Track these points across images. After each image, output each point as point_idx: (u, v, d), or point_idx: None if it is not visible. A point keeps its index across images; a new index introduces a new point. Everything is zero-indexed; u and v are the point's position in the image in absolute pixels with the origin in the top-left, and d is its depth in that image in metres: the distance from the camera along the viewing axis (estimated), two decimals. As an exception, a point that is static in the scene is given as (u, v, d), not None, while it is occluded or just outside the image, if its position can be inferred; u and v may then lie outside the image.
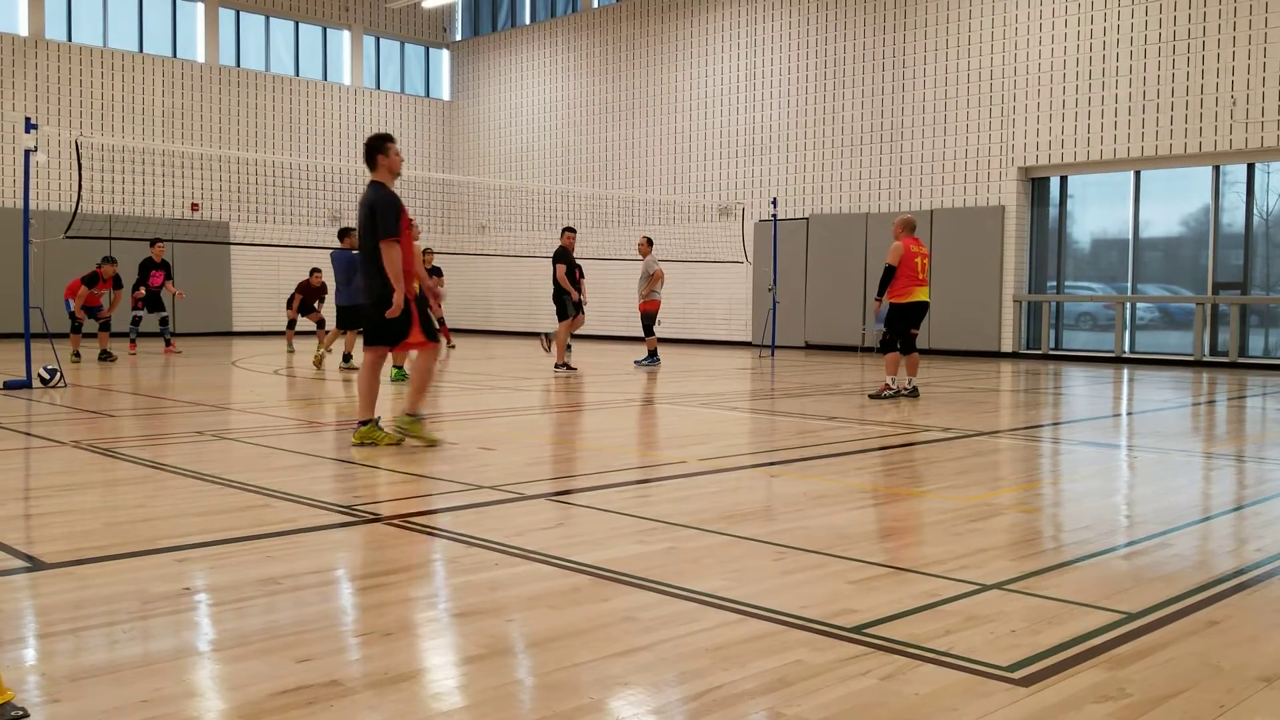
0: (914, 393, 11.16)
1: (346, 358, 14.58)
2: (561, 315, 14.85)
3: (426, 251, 20.49)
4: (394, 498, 5.79)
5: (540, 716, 2.71)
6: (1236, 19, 16.47)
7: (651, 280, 16.22)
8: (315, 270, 18.08)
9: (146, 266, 17.58)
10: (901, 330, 11.12)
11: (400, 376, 12.82)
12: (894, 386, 11.04)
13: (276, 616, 3.53)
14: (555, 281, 14.78)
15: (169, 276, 17.87)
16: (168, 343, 18.12)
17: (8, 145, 22.56)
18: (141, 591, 3.76)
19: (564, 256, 14.70)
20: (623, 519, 5.10)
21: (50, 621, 3.47)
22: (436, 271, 20.70)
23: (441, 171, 28.63)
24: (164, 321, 18.20)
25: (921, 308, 11.17)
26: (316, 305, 18.14)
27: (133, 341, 17.63)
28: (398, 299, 7.12)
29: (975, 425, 9.04)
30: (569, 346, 15.29)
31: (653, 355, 16.16)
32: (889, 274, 10.98)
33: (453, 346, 20.65)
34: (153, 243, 17.74)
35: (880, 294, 11.13)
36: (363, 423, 7.41)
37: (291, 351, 18.04)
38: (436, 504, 5.53)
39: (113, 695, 2.79)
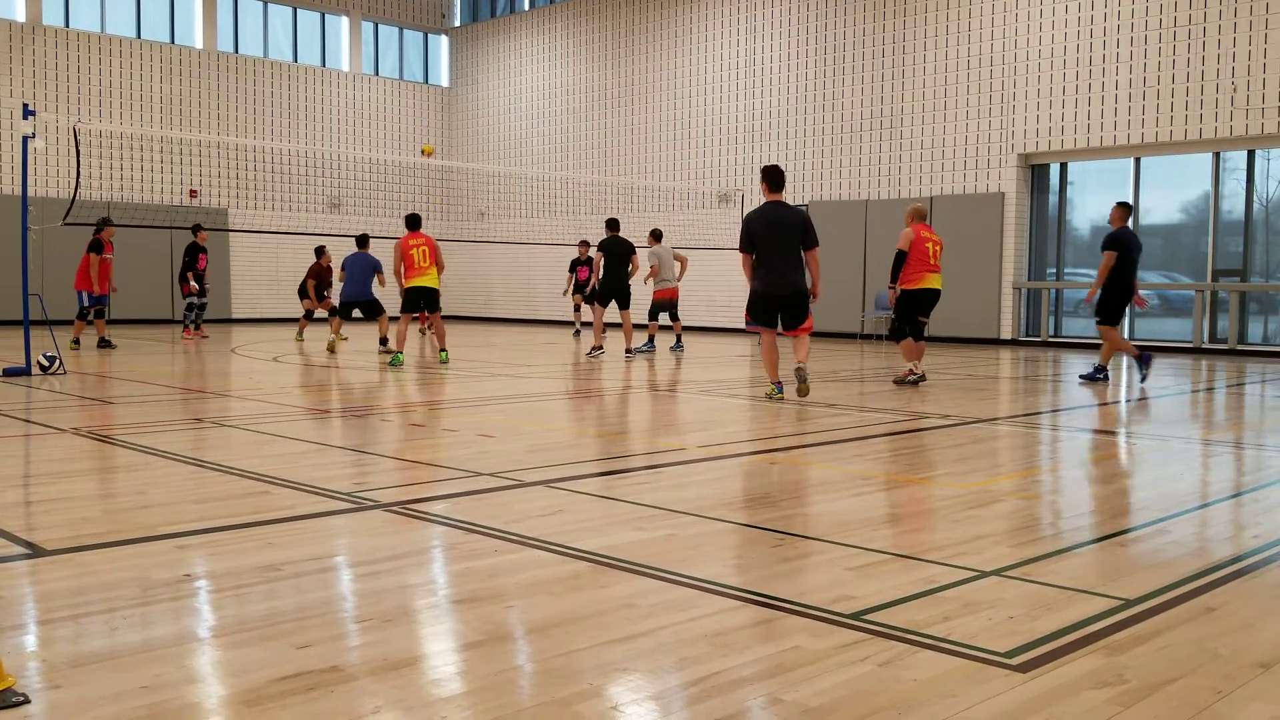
0: (918, 380, 11.17)
1: (383, 341, 15.07)
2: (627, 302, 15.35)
3: None
4: (393, 484, 5.79)
5: (540, 702, 2.72)
6: (1237, 5, 16.41)
7: (651, 269, 16.39)
8: (321, 249, 18.14)
9: (194, 250, 17.91)
10: (911, 317, 11.09)
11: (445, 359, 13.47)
12: (918, 372, 11.01)
13: (276, 603, 3.54)
14: (627, 272, 15.15)
15: (207, 260, 18.35)
16: (197, 327, 18.40)
17: (6, 132, 22.50)
18: (141, 578, 3.77)
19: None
20: (622, 506, 5.11)
21: (50, 608, 3.48)
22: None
23: (440, 158, 28.57)
24: (201, 306, 18.58)
25: (932, 295, 11.14)
26: (327, 292, 18.22)
27: (188, 328, 18.19)
28: (819, 289, 9.68)
29: (974, 412, 9.05)
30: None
31: (650, 341, 16.26)
32: (900, 260, 10.98)
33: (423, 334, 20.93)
34: (195, 229, 18.03)
35: (893, 281, 11.11)
36: (776, 383, 9.57)
37: (302, 340, 17.98)
38: (436, 490, 5.54)
39: (113, 681, 2.80)
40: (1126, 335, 18.24)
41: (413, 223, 13.61)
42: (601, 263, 15.14)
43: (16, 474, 6.03)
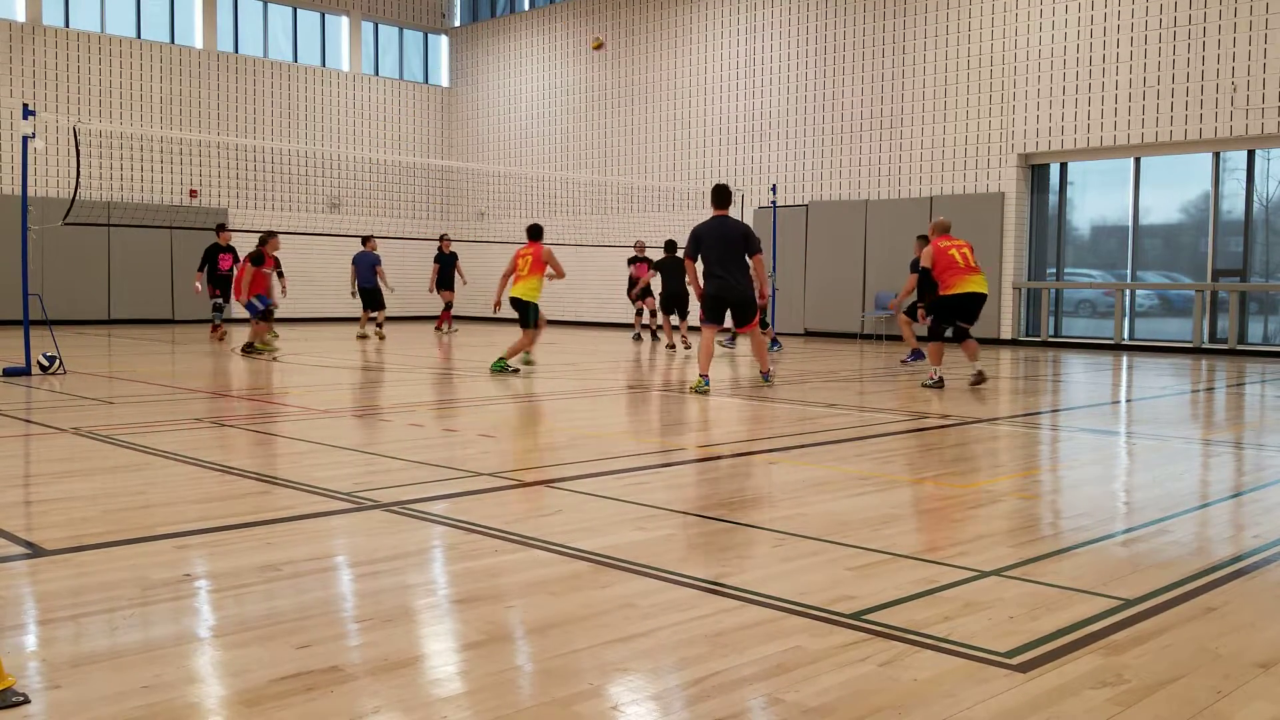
0: (938, 383, 10.97)
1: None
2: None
3: (443, 237, 21.20)
4: (393, 484, 5.79)
5: (540, 703, 2.71)
6: (1237, 5, 16.41)
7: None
8: (221, 227, 17.81)
9: (213, 251, 17.76)
10: (948, 322, 11.10)
11: (500, 367, 12.48)
12: (935, 376, 10.97)
13: (276, 603, 3.54)
14: (684, 281, 15.93)
15: (237, 260, 18.04)
16: (216, 325, 18.41)
17: (6, 132, 22.50)
18: (141, 578, 3.77)
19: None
20: (622, 506, 5.11)
21: (50, 608, 3.48)
22: (455, 258, 20.99)
23: (440, 158, 28.57)
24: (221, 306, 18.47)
25: (975, 298, 11.05)
26: (272, 285, 18.02)
27: (215, 326, 17.95)
28: (766, 291, 10.95)
29: (974, 412, 9.04)
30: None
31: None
32: (925, 276, 11.14)
33: (455, 330, 20.86)
34: (219, 229, 17.88)
35: (921, 298, 11.34)
36: (705, 377, 10.40)
37: (276, 337, 17.83)
38: (436, 490, 5.53)
39: (113, 681, 2.80)
40: (1125, 334, 18.25)
41: (532, 233, 12.88)
42: (658, 277, 16.44)
43: (16, 474, 6.03)
